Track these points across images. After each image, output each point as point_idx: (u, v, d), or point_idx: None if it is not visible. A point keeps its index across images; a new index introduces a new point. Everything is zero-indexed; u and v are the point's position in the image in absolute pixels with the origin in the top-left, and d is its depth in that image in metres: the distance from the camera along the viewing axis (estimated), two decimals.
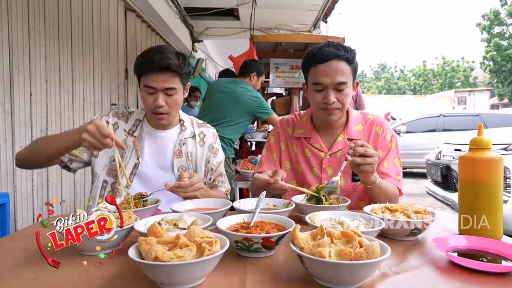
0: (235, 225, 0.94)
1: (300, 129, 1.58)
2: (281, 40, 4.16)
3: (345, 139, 1.50)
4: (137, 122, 1.52)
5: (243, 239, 0.80)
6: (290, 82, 4.48)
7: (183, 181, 1.22)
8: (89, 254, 0.88)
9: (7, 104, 2.25)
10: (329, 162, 1.50)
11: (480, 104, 25.73)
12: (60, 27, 2.75)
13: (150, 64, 1.34)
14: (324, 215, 0.99)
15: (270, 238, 0.80)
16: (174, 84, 1.37)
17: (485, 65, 24.51)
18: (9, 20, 2.23)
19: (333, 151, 1.49)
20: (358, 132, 1.52)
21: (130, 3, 3.94)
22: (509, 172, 3.40)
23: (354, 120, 1.54)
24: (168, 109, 1.41)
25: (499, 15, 22.97)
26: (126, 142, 1.47)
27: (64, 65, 2.80)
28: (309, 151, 1.53)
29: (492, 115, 9.09)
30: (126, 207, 1.16)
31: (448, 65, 33.73)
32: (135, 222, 0.92)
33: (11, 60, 2.26)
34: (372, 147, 1.39)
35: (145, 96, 1.40)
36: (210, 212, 1.04)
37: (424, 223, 0.95)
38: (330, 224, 0.91)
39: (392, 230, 0.96)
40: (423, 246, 0.94)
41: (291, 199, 1.20)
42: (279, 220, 0.95)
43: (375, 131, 1.52)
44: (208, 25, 5.97)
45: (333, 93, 1.37)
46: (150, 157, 1.50)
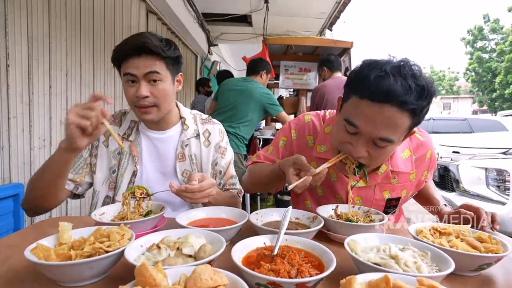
0: (254, 251, 0.64)
1: (322, 145, 1.05)
2: (292, 43, 3.83)
3: (388, 172, 1.02)
4: (132, 124, 1.17)
5: (268, 283, 0.50)
6: (299, 84, 4.16)
7: (191, 183, 0.89)
8: (68, 286, 0.59)
9: (25, 95, 1.97)
10: (359, 192, 1.04)
11: (463, 109, 25.06)
12: (82, 25, 2.45)
13: (126, 46, 1.02)
14: (367, 241, 0.68)
15: (306, 284, 0.50)
16: (157, 68, 1.03)
17: (467, 75, 23.83)
18: (28, 13, 1.94)
19: (370, 183, 1.02)
20: (404, 162, 1.04)
21: (152, 6, 3.64)
22: (509, 176, 3.05)
23: (400, 145, 0.99)
24: (154, 101, 1.05)
25: (482, 31, 22.25)
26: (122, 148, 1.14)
27: (85, 61, 2.51)
28: (334, 173, 1.05)
29: (477, 120, 8.67)
30: (124, 215, 0.86)
31: (435, 75, 32.92)
32: (129, 243, 0.63)
33: (30, 53, 1.97)
34: (416, 173, 1.07)
35: (126, 88, 1.05)
36: (222, 229, 0.74)
37: (498, 258, 0.64)
38: (379, 257, 0.60)
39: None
40: (497, 287, 0.63)
41: (317, 212, 0.88)
42: (312, 248, 0.64)
43: (424, 156, 1.07)
44: (223, 30, 5.67)
45: (367, 145, 0.85)
46: (149, 162, 1.16)
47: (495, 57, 21.44)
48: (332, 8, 4.62)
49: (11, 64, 1.84)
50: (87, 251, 0.59)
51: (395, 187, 1.06)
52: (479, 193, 3.15)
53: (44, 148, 2.13)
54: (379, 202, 1.06)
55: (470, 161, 3.36)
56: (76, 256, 0.58)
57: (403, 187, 1.07)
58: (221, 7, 4.74)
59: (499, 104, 21.16)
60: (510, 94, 19.92)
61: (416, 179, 1.09)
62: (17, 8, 1.85)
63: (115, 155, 1.15)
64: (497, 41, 21.86)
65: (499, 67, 20.61)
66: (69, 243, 0.63)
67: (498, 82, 20.43)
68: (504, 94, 20.28)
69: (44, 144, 2.14)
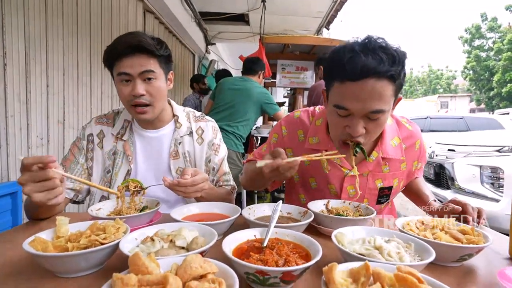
0: (245, 244, 0.66)
1: (313, 137, 1.10)
2: (288, 42, 3.85)
3: (379, 158, 1.05)
4: (126, 124, 1.18)
5: (256, 272, 0.53)
6: (296, 82, 4.18)
7: (184, 178, 0.90)
8: (65, 277, 0.62)
9: (23, 94, 1.98)
10: (352, 181, 1.07)
11: (461, 108, 25.14)
12: (79, 24, 2.46)
13: (119, 45, 1.01)
14: (354, 233, 0.70)
15: (292, 272, 0.53)
16: (151, 66, 1.04)
17: (465, 73, 23.90)
18: (25, 13, 1.95)
19: (361, 171, 1.05)
20: (394, 149, 1.07)
21: (149, 5, 3.65)
22: (502, 173, 3.09)
23: (389, 132, 1.07)
24: (150, 99, 1.06)
25: (480, 29, 22.32)
26: (116, 148, 1.16)
27: (82, 60, 2.52)
28: (327, 164, 1.08)
29: (474, 118, 8.73)
30: (120, 210, 0.88)
31: (433, 73, 32.99)
32: (124, 236, 0.65)
33: (27, 52, 1.98)
34: (407, 162, 1.10)
35: (121, 88, 1.04)
36: (215, 223, 0.76)
37: (479, 249, 0.67)
38: (364, 248, 0.63)
39: (437, 255, 0.67)
40: (480, 279, 0.66)
41: (308, 207, 0.91)
42: (300, 240, 0.66)
43: (414, 146, 1.12)
44: (220, 29, 5.68)
45: (362, 122, 0.88)
46: (143, 161, 1.17)
47: (493, 56, 21.52)
48: (329, 7, 4.64)
49: (9, 63, 1.85)
50: (84, 243, 0.61)
51: (386, 175, 1.09)
52: (474, 191, 3.18)
53: (42, 146, 2.15)
54: (372, 191, 1.09)
55: (465, 159, 3.40)
56: (73, 248, 0.60)
57: (395, 175, 1.11)
58: (219, 6, 4.76)
59: (497, 102, 21.27)
60: (507, 93, 20.03)
61: (407, 169, 1.14)
62: (14, 7, 1.87)
63: (109, 156, 1.16)
64: (495, 40, 21.94)
65: (497, 66, 20.70)
66: (66, 236, 0.66)
67: (496, 80, 20.53)
68: (502, 93, 20.39)
69: (42, 142, 2.15)
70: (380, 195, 1.09)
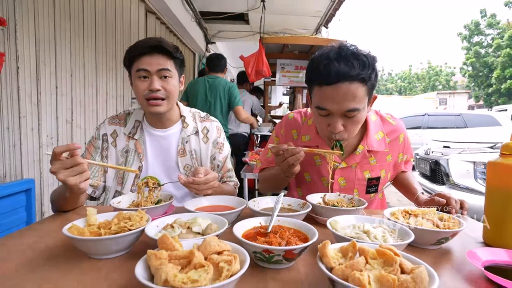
0: (252, 230, 0.77)
1: (305, 135, 1.24)
2: (288, 42, 3.94)
3: (364, 151, 1.18)
4: (137, 124, 1.29)
5: (263, 251, 0.63)
6: (295, 81, 4.27)
7: (198, 177, 1.01)
8: (98, 258, 0.72)
9: (34, 96, 2.08)
10: (342, 173, 1.20)
11: (459, 105, 25.24)
12: (84, 25, 2.55)
13: (141, 44, 1.15)
14: (347, 221, 0.81)
15: (293, 251, 0.63)
16: (168, 66, 1.16)
17: (464, 70, 23.97)
18: (35, 17, 2.04)
19: (349, 163, 1.18)
20: (378, 142, 1.20)
21: (151, 6, 3.73)
22: None
23: (373, 127, 1.21)
24: (165, 94, 1.17)
25: (479, 26, 22.34)
26: (128, 146, 1.26)
27: (88, 61, 2.62)
28: (318, 158, 1.22)
29: (471, 115, 8.80)
30: (139, 203, 0.99)
31: (432, 70, 33.05)
32: (147, 224, 0.75)
33: (38, 55, 2.08)
34: (392, 153, 1.20)
35: (138, 84, 1.15)
36: (225, 213, 0.87)
37: (453, 233, 0.77)
38: (354, 233, 0.73)
39: (417, 238, 0.78)
40: (453, 258, 0.76)
41: (307, 199, 1.02)
42: (299, 226, 0.77)
43: (397, 139, 1.25)
44: (220, 28, 5.76)
45: (341, 120, 1.02)
46: (153, 158, 1.28)
47: (492, 52, 21.60)
48: (327, 6, 4.72)
49: (21, 66, 1.95)
50: (114, 229, 0.72)
51: (374, 167, 1.22)
52: (468, 186, 3.29)
53: (51, 145, 2.25)
54: (361, 182, 1.21)
55: (459, 155, 3.51)
56: (105, 234, 0.71)
57: (381, 167, 1.24)
58: (218, 6, 4.83)
59: (495, 99, 21.38)
60: (506, 89, 20.14)
61: (393, 160, 1.27)
62: (25, 12, 1.96)
63: (122, 153, 1.27)
64: (494, 36, 22.00)
65: (496, 62, 20.79)
66: (96, 224, 0.76)
67: (495, 77, 20.61)
68: (501, 89, 20.49)
69: (52, 142, 2.25)
70: (368, 185, 1.21)
